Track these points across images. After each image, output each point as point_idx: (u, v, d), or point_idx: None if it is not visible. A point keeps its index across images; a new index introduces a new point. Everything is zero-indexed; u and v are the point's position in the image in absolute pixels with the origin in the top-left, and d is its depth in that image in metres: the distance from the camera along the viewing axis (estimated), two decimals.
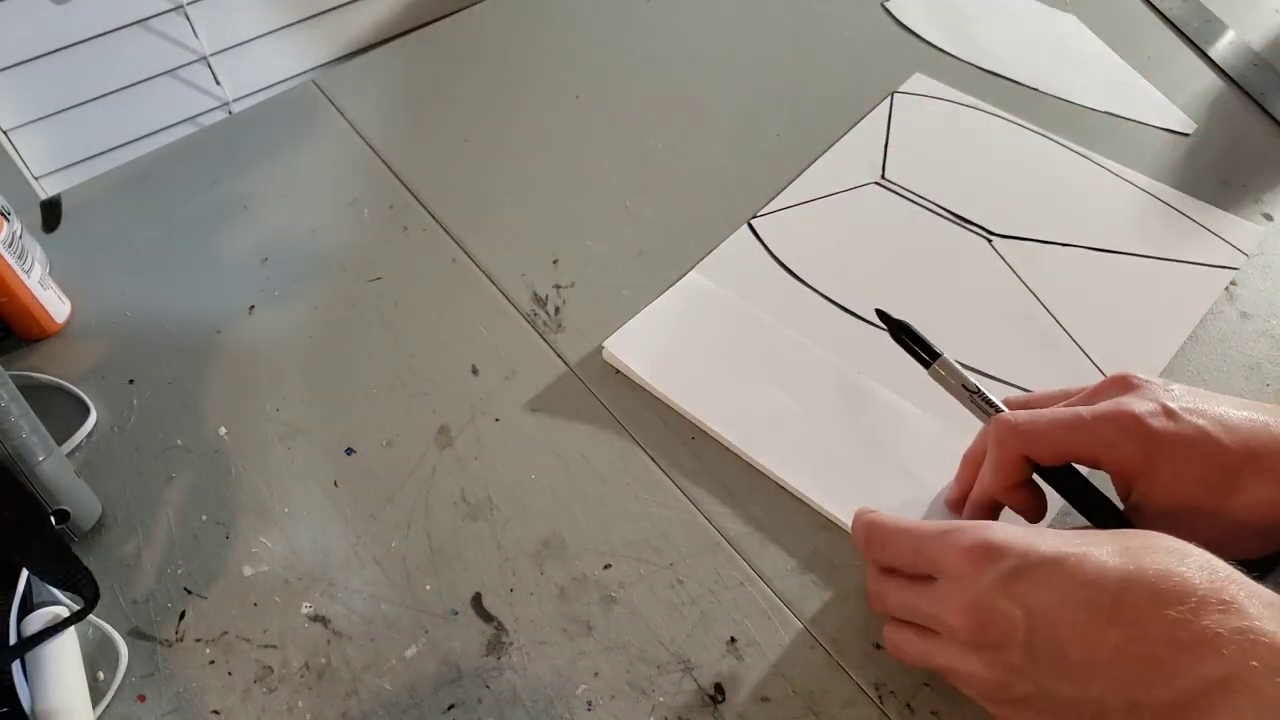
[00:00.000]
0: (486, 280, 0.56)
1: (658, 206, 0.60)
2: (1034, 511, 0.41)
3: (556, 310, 0.54)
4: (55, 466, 0.42)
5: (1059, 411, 0.39)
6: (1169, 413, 0.37)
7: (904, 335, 0.44)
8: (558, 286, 0.55)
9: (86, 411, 0.49)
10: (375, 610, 0.43)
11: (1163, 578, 0.31)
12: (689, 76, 0.68)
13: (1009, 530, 0.35)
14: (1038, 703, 0.34)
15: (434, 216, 0.60)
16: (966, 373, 0.43)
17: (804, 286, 0.55)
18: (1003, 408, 0.42)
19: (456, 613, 0.43)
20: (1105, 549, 0.33)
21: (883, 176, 0.61)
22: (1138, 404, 0.37)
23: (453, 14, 0.74)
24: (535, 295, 0.55)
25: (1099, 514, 0.39)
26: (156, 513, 0.46)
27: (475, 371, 0.52)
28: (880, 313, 0.45)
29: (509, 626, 0.42)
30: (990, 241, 0.57)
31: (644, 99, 0.67)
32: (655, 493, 0.47)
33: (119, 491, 0.47)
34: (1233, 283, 0.55)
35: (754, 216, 0.59)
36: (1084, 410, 0.38)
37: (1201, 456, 0.36)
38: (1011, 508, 0.42)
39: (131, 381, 0.51)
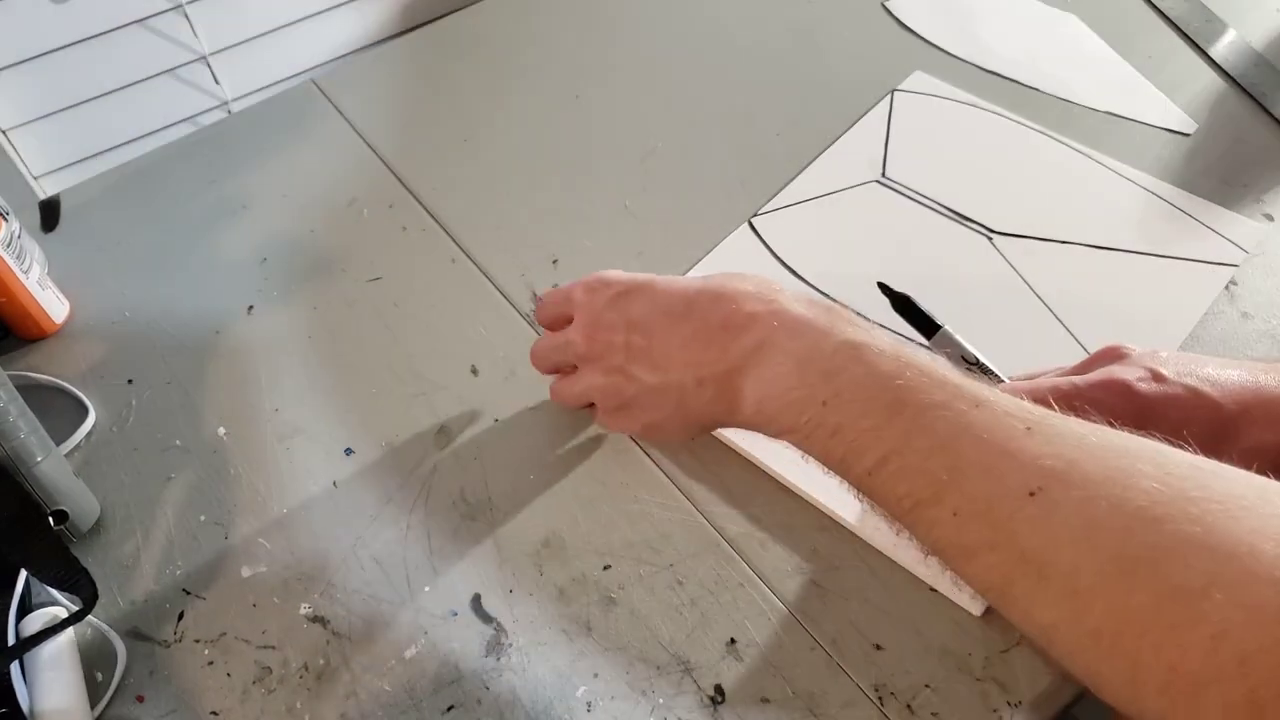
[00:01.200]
0: (486, 280, 0.56)
1: (658, 206, 0.60)
2: None
3: None
4: (54, 467, 0.42)
5: (1055, 380, 0.40)
6: (1157, 376, 0.38)
7: (906, 308, 0.46)
8: (557, 286, 0.55)
9: (85, 412, 0.49)
10: (374, 611, 0.43)
11: (725, 286, 0.40)
12: (689, 76, 0.68)
13: (621, 271, 0.43)
14: (641, 400, 0.41)
15: (434, 216, 0.59)
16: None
17: (805, 284, 0.55)
18: (1003, 377, 0.43)
19: (456, 613, 0.43)
20: (693, 278, 0.41)
21: (883, 174, 0.61)
22: (1127, 371, 0.39)
23: (452, 14, 0.74)
24: (535, 295, 0.55)
25: None
26: (155, 513, 0.46)
27: (475, 371, 0.52)
28: (882, 286, 0.47)
29: (509, 627, 0.42)
30: (991, 239, 0.57)
31: (644, 99, 0.67)
32: (655, 493, 0.46)
33: (118, 492, 0.47)
34: (1233, 282, 0.55)
35: (754, 215, 0.59)
36: (1078, 379, 0.40)
37: (1193, 413, 0.37)
38: None
39: (130, 381, 0.51)
